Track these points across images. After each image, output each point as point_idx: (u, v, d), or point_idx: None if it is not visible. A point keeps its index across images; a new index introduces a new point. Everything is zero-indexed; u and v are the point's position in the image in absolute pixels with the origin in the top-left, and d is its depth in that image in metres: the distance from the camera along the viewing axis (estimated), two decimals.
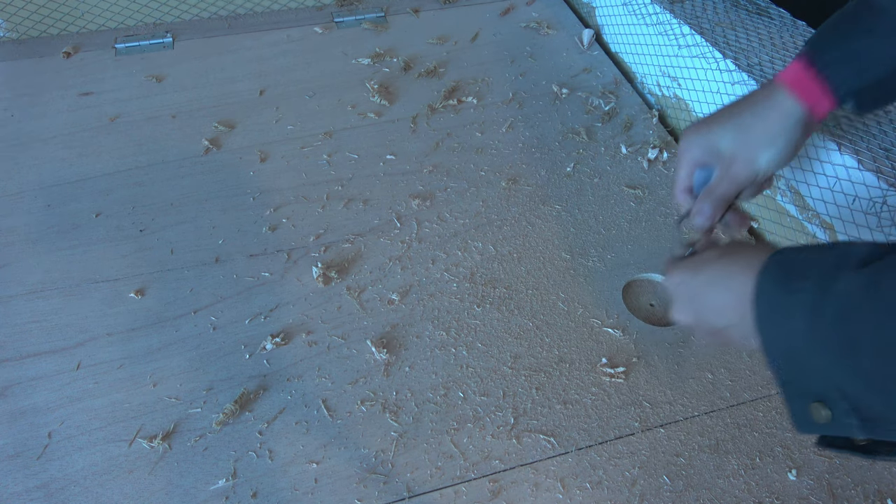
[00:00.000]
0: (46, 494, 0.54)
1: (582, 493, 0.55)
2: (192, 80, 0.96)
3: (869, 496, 0.55)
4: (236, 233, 0.75)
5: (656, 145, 0.85)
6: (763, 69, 0.75)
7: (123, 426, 0.59)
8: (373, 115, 0.91)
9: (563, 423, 0.60)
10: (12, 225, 0.75)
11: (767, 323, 0.42)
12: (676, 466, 0.57)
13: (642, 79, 0.96)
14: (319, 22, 1.09)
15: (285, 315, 0.67)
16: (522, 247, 0.74)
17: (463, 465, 0.57)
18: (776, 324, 0.42)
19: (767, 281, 0.42)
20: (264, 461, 0.57)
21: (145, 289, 0.69)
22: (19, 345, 0.64)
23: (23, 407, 0.60)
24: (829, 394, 0.40)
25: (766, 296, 0.42)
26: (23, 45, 1.02)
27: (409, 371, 0.63)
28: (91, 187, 0.80)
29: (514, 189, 0.81)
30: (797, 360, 0.41)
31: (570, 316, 0.68)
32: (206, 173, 0.82)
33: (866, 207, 0.62)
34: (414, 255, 0.73)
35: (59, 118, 0.89)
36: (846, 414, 0.39)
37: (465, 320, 0.67)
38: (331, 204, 0.79)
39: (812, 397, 0.40)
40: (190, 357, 0.64)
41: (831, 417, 0.39)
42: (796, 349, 0.40)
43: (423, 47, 1.04)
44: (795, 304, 0.39)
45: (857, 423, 0.38)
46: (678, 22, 0.86)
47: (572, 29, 1.08)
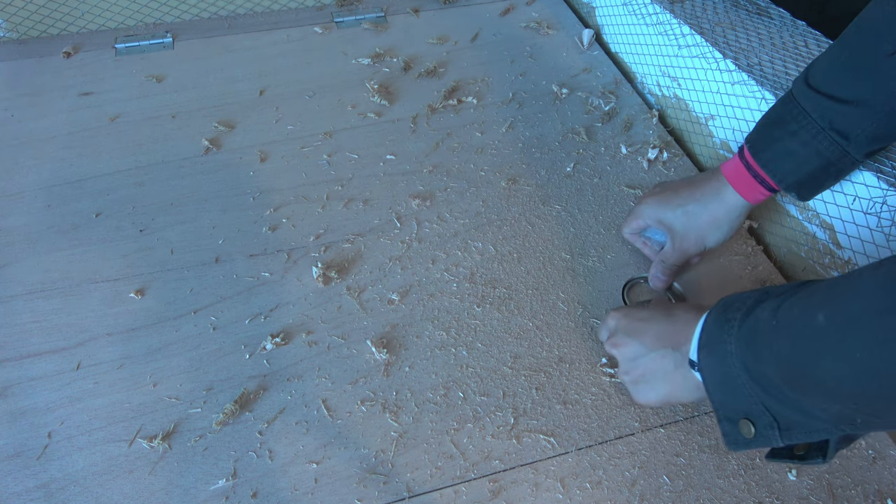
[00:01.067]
0: (46, 494, 0.54)
1: (582, 493, 0.55)
2: (192, 80, 0.96)
3: (869, 496, 0.56)
4: (236, 233, 0.75)
5: (656, 145, 0.85)
6: (763, 69, 0.75)
7: (123, 426, 0.59)
8: (373, 115, 0.91)
9: (563, 423, 0.60)
10: (12, 225, 0.75)
11: (706, 351, 0.49)
12: (676, 466, 0.57)
13: (642, 79, 0.96)
14: (319, 22, 1.09)
15: (285, 315, 0.67)
16: (522, 247, 0.74)
17: (463, 465, 0.57)
18: (713, 351, 0.48)
19: (711, 317, 0.49)
20: (264, 461, 0.57)
21: (145, 289, 0.69)
22: (19, 345, 0.64)
23: (23, 407, 0.60)
24: (753, 409, 0.45)
25: (707, 329, 0.49)
26: (23, 45, 1.02)
27: (409, 371, 0.63)
28: (91, 187, 0.80)
29: (514, 189, 0.81)
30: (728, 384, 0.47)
31: (570, 316, 0.68)
32: (206, 173, 0.82)
33: (866, 207, 0.62)
34: (414, 255, 0.73)
35: (59, 118, 0.89)
36: (767, 426, 0.45)
37: (465, 320, 0.67)
38: (331, 204, 0.79)
39: (740, 415, 0.46)
40: (190, 357, 0.64)
41: (754, 432, 0.45)
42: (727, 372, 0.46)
43: (423, 47, 1.04)
44: (728, 331, 0.46)
45: (777, 434, 0.44)
46: (678, 22, 0.86)
47: (572, 29, 1.08)
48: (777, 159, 0.59)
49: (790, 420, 0.43)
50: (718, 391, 0.47)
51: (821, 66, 0.57)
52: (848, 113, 0.54)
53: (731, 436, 0.47)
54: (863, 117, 0.54)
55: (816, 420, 0.42)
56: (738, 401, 0.46)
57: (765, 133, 0.60)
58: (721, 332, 0.47)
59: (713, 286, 0.70)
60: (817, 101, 0.56)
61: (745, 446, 0.46)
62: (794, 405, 0.42)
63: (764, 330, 0.43)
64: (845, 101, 0.54)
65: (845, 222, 0.65)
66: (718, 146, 0.82)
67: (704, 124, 0.84)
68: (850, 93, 0.54)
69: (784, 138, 0.58)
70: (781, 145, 0.58)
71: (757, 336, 0.44)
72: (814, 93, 0.56)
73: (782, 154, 0.58)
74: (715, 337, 0.48)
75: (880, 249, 0.61)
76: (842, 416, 0.40)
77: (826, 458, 0.44)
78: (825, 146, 0.56)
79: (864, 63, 0.53)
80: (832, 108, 0.55)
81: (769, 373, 0.43)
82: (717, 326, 0.48)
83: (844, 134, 0.55)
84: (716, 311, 0.49)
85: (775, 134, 0.59)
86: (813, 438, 0.43)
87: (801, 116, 0.57)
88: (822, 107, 0.56)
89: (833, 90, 0.55)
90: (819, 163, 0.57)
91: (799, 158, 0.58)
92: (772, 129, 0.60)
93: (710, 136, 0.83)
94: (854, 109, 0.54)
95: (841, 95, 0.55)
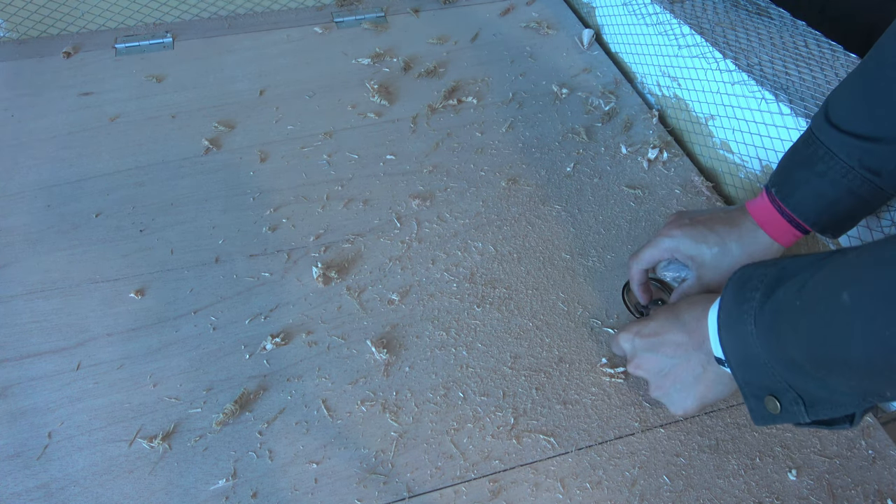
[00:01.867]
0: (46, 494, 0.54)
1: (582, 493, 0.55)
2: (192, 80, 0.96)
3: (869, 496, 0.55)
4: (236, 233, 0.75)
5: (656, 145, 0.85)
6: (763, 69, 0.75)
7: (123, 426, 0.59)
8: (373, 115, 0.91)
9: (563, 423, 0.60)
10: (12, 225, 0.75)
11: (726, 331, 0.49)
12: (676, 466, 0.57)
13: (642, 79, 0.96)
14: (319, 22, 1.09)
15: (285, 315, 0.67)
16: (522, 247, 0.74)
17: (463, 465, 0.57)
18: (733, 330, 0.48)
19: (727, 295, 0.49)
20: (264, 461, 0.57)
21: (145, 289, 0.69)
22: (19, 345, 0.64)
23: (23, 407, 0.60)
24: (777, 386, 0.46)
25: (725, 308, 0.49)
26: (23, 45, 1.02)
27: (409, 371, 0.63)
28: (91, 187, 0.80)
29: (514, 189, 0.81)
30: (751, 362, 0.47)
31: (570, 316, 0.68)
32: (206, 173, 0.82)
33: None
34: (414, 255, 0.73)
35: (59, 118, 0.89)
36: (792, 402, 0.45)
37: (465, 320, 0.67)
38: (331, 204, 0.79)
39: (766, 392, 0.46)
40: (190, 357, 0.64)
41: (780, 408, 0.46)
42: (750, 351, 0.46)
43: (423, 47, 1.04)
44: (748, 311, 0.46)
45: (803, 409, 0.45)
46: (678, 22, 0.86)
47: (572, 29, 1.08)
48: (808, 201, 0.57)
49: (816, 396, 0.44)
50: (742, 369, 0.48)
51: (841, 101, 0.55)
52: (877, 150, 0.53)
53: (757, 412, 0.48)
54: (893, 153, 0.52)
55: (843, 395, 0.42)
56: (762, 378, 0.46)
57: (791, 175, 0.58)
58: (740, 311, 0.47)
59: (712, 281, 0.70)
60: (843, 140, 0.54)
61: (771, 421, 0.47)
62: (820, 384, 0.42)
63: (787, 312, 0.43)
64: (872, 138, 0.52)
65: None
66: (718, 146, 0.82)
67: (704, 124, 0.84)
68: (876, 130, 0.52)
69: (812, 180, 0.56)
70: (810, 187, 0.56)
71: (780, 319, 0.44)
72: (838, 132, 0.54)
73: (813, 196, 0.56)
74: (734, 317, 0.47)
75: None
76: (870, 390, 0.40)
77: (853, 424, 0.44)
78: (857, 185, 0.54)
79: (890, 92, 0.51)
80: (859, 146, 0.53)
81: (794, 354, 0.43)
82: (735, 305, 0.47)
83: (876, 171, 0.53)
84: (733, 288, 0.48)
85: (803, 175, 0.57)
86: (839, 413, 0.44)
87: (828, 157, 0.55)
88: (848, 146, 0.54)
89: (858, 129, 0.53)
90: (852, 202, 0.55)
91: (830, 199, 0.56)
92: (798, 171, 0.57)
93: (710, 136, 0.83)
94: (883, 146, 0.52)
95: (867, 133, 0.53)
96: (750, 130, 0.75)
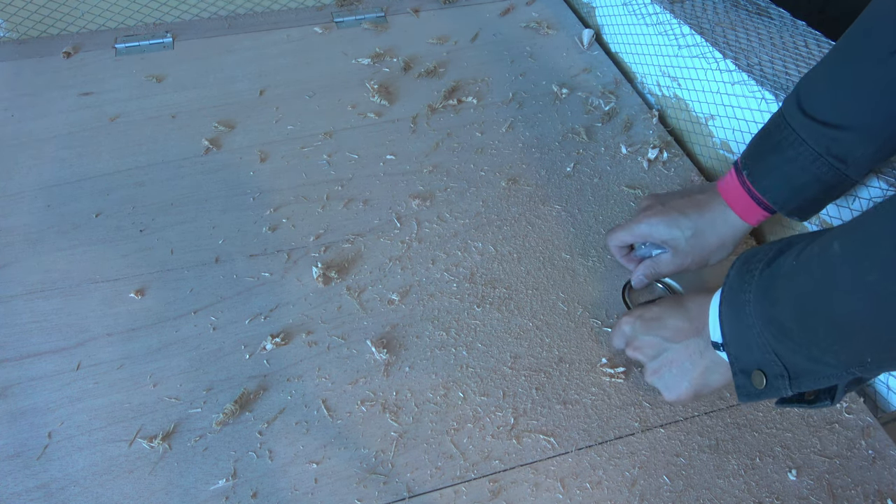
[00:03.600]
0: (46, 494, 0.54)
1: (582, 493, 0.55)
2: (192, 80, 0.96)
3: (869, 496, 0.56)
4: (236, 233, 0.75)
5: (656, 145, 0.85)
6: (763, 69, 0.75)
7: (123, 426, 0.59)
8: (373, 115, 0.91)
9: (563, 423, 0.60)
10: (12, 225, 0.75)
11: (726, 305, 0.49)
12: (676, 466, 0.57)
13: (642, 79, 0.96)
14: (319, 22, 1.09)
15: (285, 315, 0.67)
16: (522, 247, 0.74)
17: (463, 465, 0.57)
18: (732, 303, 0.49)
19: (732, 272, 0.50)
20: (264, 461, 0.57)
21: (145, 289, 0.69)
22: (19, 345, 0.64)
23: (23, 407, 0.60)
24: (765, 358, 0.46)
25: (729, 283, 0.50)
26: (23, 45, 1.02)
27: (409, 371, 0.63)
28: (91, 187, 0.80)
29: (514, 189, 0.81)
30: (743, 335, 0.47)
31: (570, 316, 0.68)
32: (206, 173, 0.82)
33: (866, 207, 0.62)
34: (414, 255, 0.73)
35: (59, 118, 0.89)
36: (777, 376, 0.46)
37: (465, 320, 0.67)
38: (331, 204, 0.79)
39: (754, 366, 0.47)
40: (190, 357, 0.64)
41: (765, 382, 0.46)
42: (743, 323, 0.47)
43: (423, 47, 1.04)
44: (749, 280, 0.47)
45: (786, 383, 0.45)
46: (678, 22, 0.86)
47: (572, 29, 1.08)
48: (777, 186, 0.58)
49: (800, 368, 0.44)
50: (735, 343, 0.49)
51: (812, 88, 0.56)
52: (844, 139, 0.54)
53: (743, 388, 0.49)
54: (860, 141, 0.53)
55: (826, 366, 0.43)
56: (752, 352, 0.47)
57: (762, 158, 0.60)
58: (742, 282, 0.48)
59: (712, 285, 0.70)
60: (812, 127, 0.55)
61: (756, 397, 0.48)
62: (805, 352, 0.43)
63: (783, 273, 0.44)
64: (841, 126, 0.53)
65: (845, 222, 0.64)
66: (718, 146, 0.82)
67: (704, 124, 0.84)
68: (844, 119, 0.53)
69: (782, 165, 0.57)
70: (780, 172, 0.58)
71: (776, 281, 0.45)
72: (808, 119, 0.55)
73: (782, 180, 0.58)
74: (736, 287, 0.48)
75: None
76: (852, 357, 0.41)
77: (834, 401, 0.45)
78: (823, 171, 0.55)
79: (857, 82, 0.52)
80: (827, 134, 0.54)
81: (783, 316, 0.44)
82: (738, 278, 0.48)
83: (842, 158, 0.54)
84: (738, 264, 0.50)
85: (773, 160, 0.58)
86: (822, 385, 0.44)
87: (798, 143, 0.56)
88: (817, 133, 0.55)
89: (827, 117, 0.54)
90: (819, 187, 0.57)
91: (798, 184, 0.57)
92: (769, 155, 0.59)
93: (709, 136, 0.83)
94: (850, 135, 0.53)
95: (836, 122, 0.54)
96: (750, 130, 0.75)
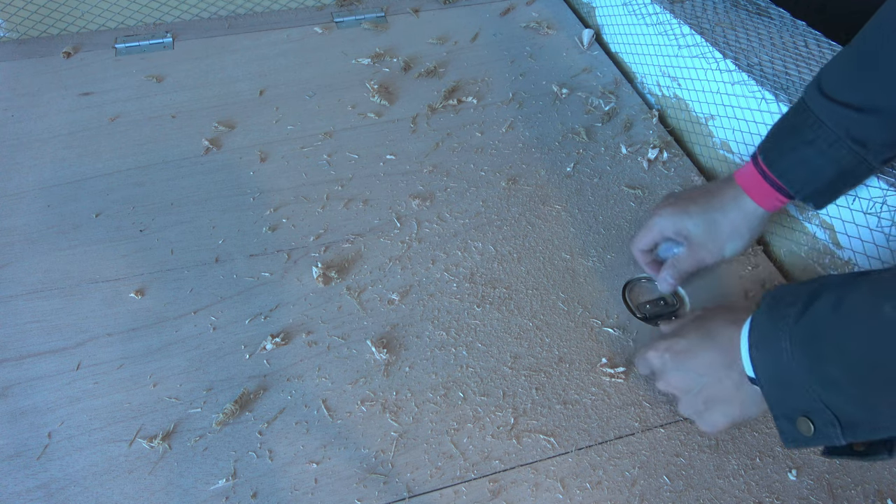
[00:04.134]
0: (46, 494, 0.54)
1: (582, 493, 0.55)
2: (192, 80, 0.96)
3: (869, 496, 0.56)
4: (236, 233, 0.75)
5: (656, 145, 0.85)
6: (763, 69, 0.75)
7: (123, 426, 0.59)
8: (373, 115, 0.91)
9: (563, 423, 0.60)
10: (12, 225, 0.75)
11: (758, 349, 0.47)
12: (676, 466, 0.57)
13: (642, 79, 0.96)
14: (319, 22, 1.09)
15: (285, 315, 0.67)
16: (522, 247, 0.74)
17: (463, 465, 0.57)
18: (766, 348, 0.47)
19: (761, 312, 0.48)
20: (264, 461, 0.57)
21: (145, 289, 0.69)
22: (19, 345, 0.64)
23: (23, 407, 0.60)
24: (812, 406, 0.44)
25: (758, 326, 0.48)
26: (23, 45, 1.02)
27: (409, 371, 0.63)
28: (91, 187, 0.80)
29: (514, 189, 0.81)
30: (784, 381, 0.45)
31: (570, 316, 0.68)
32: (206, 173, 0.82)
33: (866, 207, 0.62)
34: (414, 255, 0.73)
35: (59, 118, 0.89)
36: (827, 424, 0.43)
37: (465, 320, 0.67)
38: (331, 204, 0.79)
39: (799, 413, 0.45)
40: (190, 357, 0.64)
41: (813, 430, 0.44)
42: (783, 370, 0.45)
43: (423, 47, 1.04)
44: (782, 328, 0.45)
45: (839, 431, 0.43)
46: (678, 22, 0.86)
47: (572, 29, 1.08)
48: (793, 168, 0.57)
49: (853, 417, 0.42)
50: (774, 389, 0.46)
51: (834, 71, 0.56)
52: (865, 121, 0.53)
53: (788, 434, 0.46)
54: (881, 125, 0.53)
55: (883, 417, 0.41)
56: (796, 398, 0.44)
57: (779, 142, 0.59)
58: (775, 328, 0.45)
59: (713, 286, 0.70)
60: (832, 109, 0.54)
61: (804, 444, 0.45)
62: (860, 402, 0.41)
63: (825, 326, 0.42)
64: (862, 109, 0.53)
65: (845, 222, 0.64)
66: (718, 146, 0.82)
67: (704, 124, 0.84)
68: (866, 100, 0.53)
69: (799, 147, 0.57)
70: (797, 154, 0.57)
71: (817, 333, 0.42)
72: (828, 101, 0.55)
73: (798, 163, 0.57)
74: (769, 334, 0.46)
75: (880, 250, 0.61)
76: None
77: (892, 453, 0.43)
78: (842, 154, 0.55)
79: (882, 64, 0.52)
80: (848, 116, 0.54)
81: (832, 371, 0.41)
82: (770, 323, 0.46)
83: (862, 142, 0.54)
84: (766, 307, 0.47)
85: (790, 143, 0.57)
86: (879, 436, 0.42)
87: (817, 125, 0.55)
88: (837, 115, 0.54)
89: (848, 98, 0.54)
90: (836, 171, 0.56)
91: (815, 167, 0.56)
92: (786, 138, 0.58)
93: (710, 136, 0.83)
94: (871, 118, 0.53)
95: (857, 103, 0.53)
96: (750, 130, 0.75)
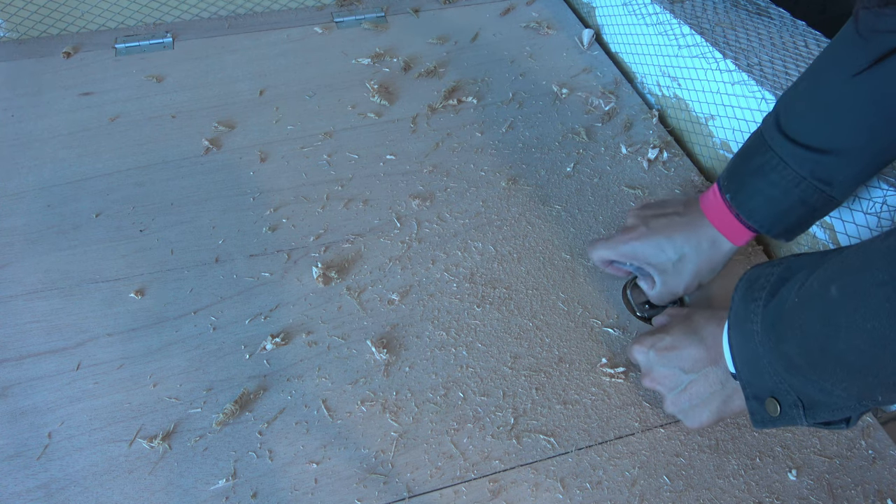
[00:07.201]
0: (46, 494, 0.54)
1: (582, 493, 0.55)
2: (192, 80, 0.96)
3: (869, 496, 0.56)
4: (236, 233, 0.75)
5: (656, 145, 0.85)
6: (763, 69, 0.75)
7: (123, 426, 0.59)
8: (373, 115, 0.91)
9: (563, 423, 0.60)
10: (12, 225, 0.75)
11: (734, 330, 0.49)
12: (676, 466, 0.57)
13: (642, 79, 0.96)
14: (319, 22, 1.09)
15: (285, 315, 0.67)
16: (522, 247, 0.74)
17: (463, 465, 0.57)
18: (740, 330, 0.48)
19: (737, 295, 0.49)
20: (264, 461, 0.57)
21: (145, 289, 0.69)
22: (19, 345, 0.64)
23: (23, 407, 0.60)
24: (779, 388, 0.46)
25: (734, 308, 0.49)
26: (23, 45, 1.02)
27: (409, 371, 0.63)
28: (91, 187, 0.80)
29: (514, 189, 0.81)
30: (754, 362, 0.47)
31: (570, 316, 0.68)
32: (206, 173, 0.82)
33: (866, 207, 0.62)
34: (414, 255, 0.73)
35: (59, 118, 0.89)
36: (792, 405, 0.45)
37: (465, 320, 0.67)
38: (331, 204, 0.79)
39: (767, 393, 0.47)
40: (190, 357, 0.64)
41: (780, 411, 0.46)
42: (754, 351, 0.47)
43: (423, 47, 1.04)
44: (754, 310, 0.47)
45: (801, 412, 0.45)
46: (678, 22, 0.86)
47: (572, 29, 1.08)
48: (761, 209, 0.57)
49: (814, 399, 0.44)
50: (746, 369, 0.48)
51: (793, 112, 0.55)
52: (828, 162, 0.53)
53: (757, 414, 0.48)
54: (845, 164, 0.53)
55: (839, 399, 0.42)
56: (764, 380, 0.46)
57: (744, 183, 0.58)
58: (747, 310, 0.47)
59: (712, 286, 0.70)
60: (794, 150, 0.54)
61: (770, 424, 0.47)
62: (817, 385, 0.43)
63: (787, 310, 0.43)
64: (824, 151, 0.52)
65: (845, 222, 0.64)
66: (718, 146, 0.82)
67: (704, 124, 0.84)
68: (828, 143, 0.52)
69: (765, 189, 0.56)
70: (763, 196, 0.57)
71: (781, 317, 0.44)
72: (790, 142, 0.54)
73: (766, 204, 0.57)
74: (742, 316, 0.48)
75: None
76: (863, 393, 0.40)
77: (849, 425, 0.45)
78: (809, 194, 0.55)
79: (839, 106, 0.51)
80: (811, 158, 0.53)
81: (792, 353, 0.43)
82: (743, 305, 0.48)
83: (827, 181, 0.54)
84: (742, 288, 0.49)
85: (756, 185, 0.57)
86: (837, 416, 0.44)
87: (781, 166, 0.55)
88: (800, 157, 0.54)
89: (810, 141, 0.53)
90: (804, 210, 0.56)
91: (784, 208, 0.56)
92: (751, 179, 0.58)
93: (710, 136, 0.83)
94: (834, 158, 0.52)
95: (818, 146, 0.53)
96: (750, 130, 0.75)
